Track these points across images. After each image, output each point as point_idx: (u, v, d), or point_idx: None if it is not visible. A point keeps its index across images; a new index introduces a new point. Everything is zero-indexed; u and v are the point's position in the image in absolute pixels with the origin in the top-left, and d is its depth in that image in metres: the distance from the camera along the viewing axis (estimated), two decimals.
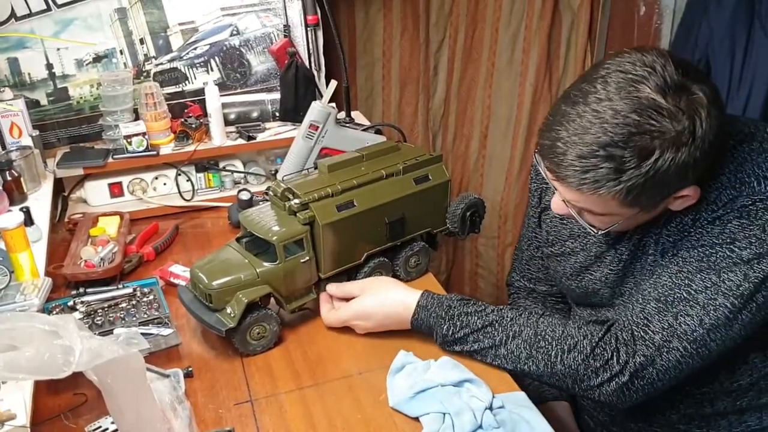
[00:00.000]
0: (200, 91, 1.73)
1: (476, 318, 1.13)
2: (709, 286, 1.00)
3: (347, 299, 1.24)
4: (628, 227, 1.10)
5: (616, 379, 1.04)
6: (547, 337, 1.08)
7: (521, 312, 1.13)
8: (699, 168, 0.96)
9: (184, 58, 1.74)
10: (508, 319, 1.12)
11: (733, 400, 1.18)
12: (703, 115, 0.92)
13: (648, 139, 0.91)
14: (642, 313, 1.05)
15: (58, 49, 1.64)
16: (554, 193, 1.07)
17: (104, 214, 1.56)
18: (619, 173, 0.93)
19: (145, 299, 1.27)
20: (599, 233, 1.08)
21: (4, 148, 1.53)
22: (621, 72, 0.93)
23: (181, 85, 1.76)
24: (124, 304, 1.25)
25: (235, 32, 1.75)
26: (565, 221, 1.25)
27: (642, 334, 1.03)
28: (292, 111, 1.74)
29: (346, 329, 1.23)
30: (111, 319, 1.22)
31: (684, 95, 0.92)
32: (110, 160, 1.61)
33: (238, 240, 1.24)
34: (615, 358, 1.04)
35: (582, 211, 1.05)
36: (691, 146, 0.92)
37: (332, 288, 1.24)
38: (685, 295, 1.02)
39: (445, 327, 1.14)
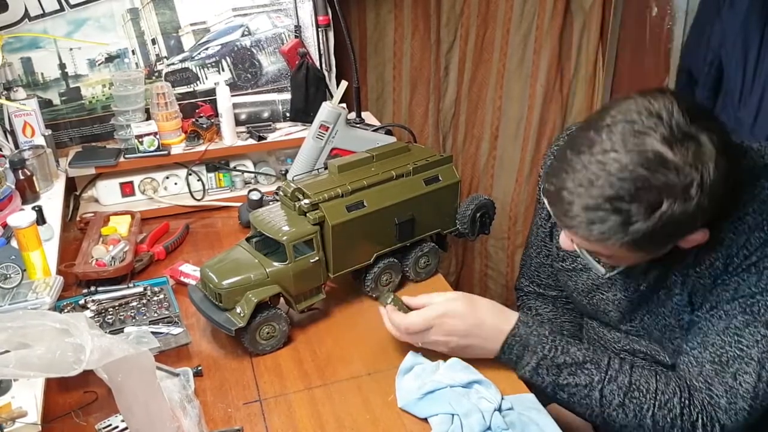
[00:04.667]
0: (211, 92, 1.74)
1: (575, 349, 1.10)
2: (759, 339, 1.01)
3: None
4: (636, 264, 1.10)
5: None
6: (641, 387, 1.07)
7: (611, 356, 1.11)
8: (708, 213, 0.95)
9: (196, 58, 1.74)
10: (605, 362, 1.09)
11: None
12: (711, 167, 0.90)
13: (656, 193, 0.90)
14: (701, 377, 1.05)
15: (71, 49, 1.65)
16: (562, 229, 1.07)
17: (115, 213, 1.57)
18: (627, 225, 0.92)
19: (155, 298, 1.28)
20: (606, 275, 1.08)
21: (17, 147, 1.54)
22: (627, 123, 0.92)
23: (192, 85, 1.77)
24: (134, 303, 1.26)
25: (246, 33, 1.76)
26: None
27: (708, 399, 1.04)
28: (303, 111, 1.74)
29: (353, 329, 1.23)
30: (122, 317, 1.22)
31: (691, 146, 0.90)
32: (122, 159, 1.62)
33: (248, 240, 1.25)
34: (700, 421, 1.04)
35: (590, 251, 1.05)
36: (699, 197, 0.91)
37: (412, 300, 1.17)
38: (738, 352, 1.02)
39: (547, 347, 1.10)
